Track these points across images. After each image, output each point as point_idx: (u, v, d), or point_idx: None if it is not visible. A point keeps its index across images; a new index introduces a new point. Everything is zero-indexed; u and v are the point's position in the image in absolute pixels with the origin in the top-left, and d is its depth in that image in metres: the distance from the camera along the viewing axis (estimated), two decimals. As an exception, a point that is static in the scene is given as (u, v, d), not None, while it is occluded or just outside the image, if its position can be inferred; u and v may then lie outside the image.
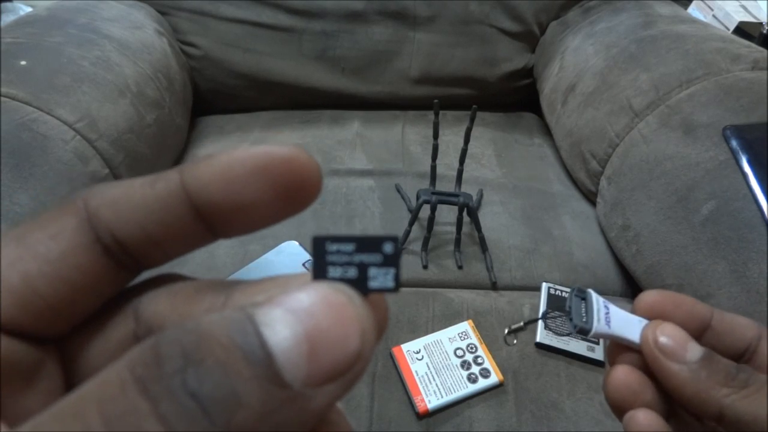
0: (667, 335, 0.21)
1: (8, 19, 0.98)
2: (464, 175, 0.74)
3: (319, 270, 0.12)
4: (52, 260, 0.11)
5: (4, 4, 1.17)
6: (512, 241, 0.76)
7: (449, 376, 0.57)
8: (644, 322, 0.22)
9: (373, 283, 0.12)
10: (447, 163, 0.86)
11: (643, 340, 0.21)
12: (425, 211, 0.71)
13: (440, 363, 0.59)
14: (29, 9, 1.15)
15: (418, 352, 0.59)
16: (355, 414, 0.54)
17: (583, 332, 0.23)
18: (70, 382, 0.13)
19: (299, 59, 1.01)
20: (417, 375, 0.57)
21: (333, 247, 0.12)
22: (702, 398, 0.20)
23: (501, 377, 0.57)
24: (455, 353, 0.60)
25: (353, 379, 0.10)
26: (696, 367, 0.20)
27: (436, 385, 0.56)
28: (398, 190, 0.83)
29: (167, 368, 0.09)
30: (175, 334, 0.09)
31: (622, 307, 0.23)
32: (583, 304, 0.23)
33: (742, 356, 0.22)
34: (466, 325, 0.63)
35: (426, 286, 0.69)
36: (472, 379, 0.57)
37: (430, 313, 0.65)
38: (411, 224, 0.72)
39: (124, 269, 0.13)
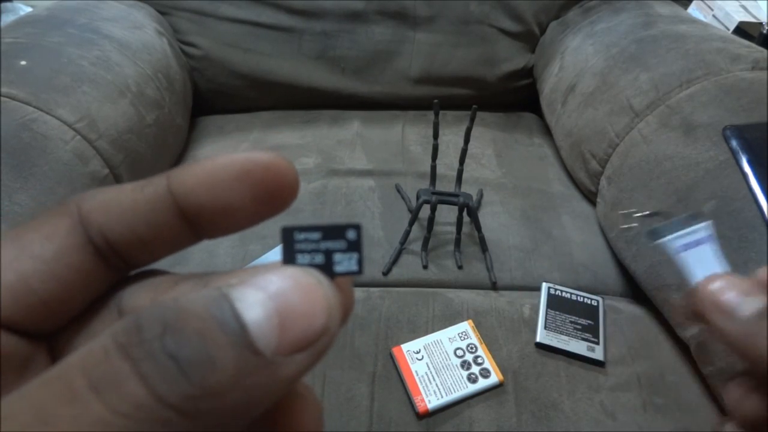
0: (721, 288, 0.20)
1: (8, 19, 0.98)
2: (464, 175, 0.74)
3: (289, 257, 0.13)
4: (46, 259, 0.12)
5: (4, 4, 1.17)
6: (512, 241, 0.76)
7: (449, 376, 0.57)
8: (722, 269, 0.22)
9: (338, 268, 0.13)
10: (447, 163, 0.86)
11: (700, 290, 0.21)
12: (425, 211, 0.71)
13: (440, 363, 0.59)
14: (29, 9, 1.15)
15: (418, 352, 0.59)
16: (355, 414, 0.54)
17: (652, 235, 0.23)
18: None
19: (299, 59, 1.01)
20: (417, 375, 0.57)
21: (300, 236, 0.13)
22: (757, 356, 0.19)
23: (501, 377, 0.57)
24: (455, 353, 0.60)
25: (321, 351, 0.11)
26: (747, 322, 0.19)
27: (436, 385, 0.56)
28: (398, 190, 0.83)
29: (147, 334, 0.10)
30: (155, 308, 0.10)
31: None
32: (690, 224, 0.23)
33: None
34: (466, 325, 0.63)
35: (426, 286, 0.69)
36: (472, 379, 0.57)
37: (430, 313, 0.65)
38: (411, 224, 0.72)
39: (113, 268, 0.14)
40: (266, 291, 0.11)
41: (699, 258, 0.22)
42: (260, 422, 0.13)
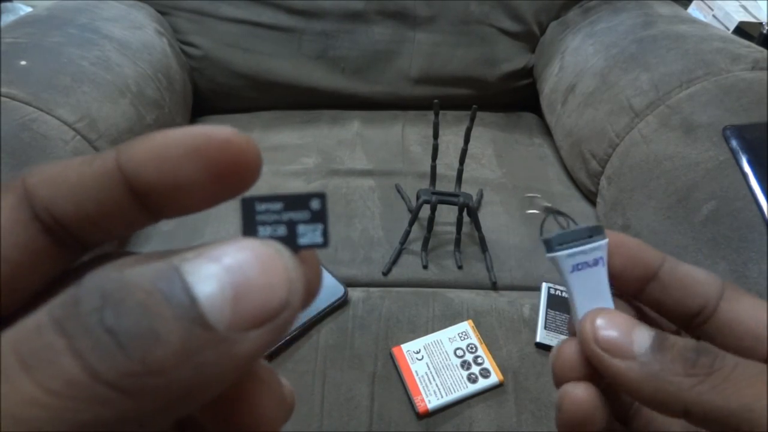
0: (607, 326, 0.17)
1: (8, 19, 0.98)
2: (464, 175, 0.74)
3: (249, 229, 0.12)
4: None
5: (4, 4, 1.17)
6: (512, 241, 0.76)
7: (449, 376, 0.57)
8: (611, 301, 0.19)
9: (302, 240, 0.12)
10: (447, 163, 0.86)
11: (581, 335, 0.18)
12: (425, 211, 0.71)
13: (440, 363, 0.59)
14: (29, 9, 1.15)
15: (418, 352, 0.59)
16: (355, 414, 0.54)
17: (546, 245, 0.19)
18: None
19: (299, 59, 1.01)
20: (417, 375, 0.57)
21: (261, 206, 0.12)
22: (661, 397, 0.16)
23: (501, 377, 0.57)
24: (455, 353, 0.60)
25: (280, 327, 0.10)
26: (647, 360, 0.16)
27: (436, 385, 0.56)
28: (398, 190, 0.83)
29: (84, 307, 0.09)
30: (97, 280, 0.09)
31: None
32: (585, 236, 0.19)
33: (695, 317, 0.18)
34: (466, 325, 0.63)
35: (426, 286, 0.69)
36: (472, 379, 0.57)
37: (430, 313, 0.65)
38: (411, 224, 0.72)
39: (66, 247, 0.13)
40: (221, 263, 0.10)
41: (588, 284, 0.19)
42: (215, 410, 0.13)
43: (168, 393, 0.09)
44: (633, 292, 0.19)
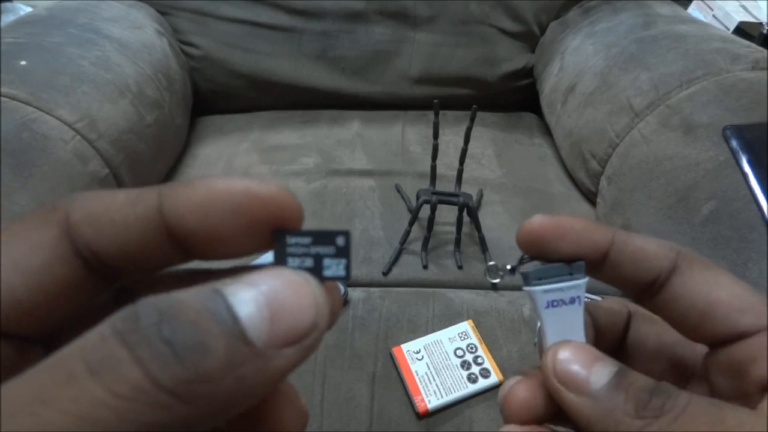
0: (568, 359, 0.17)
1: (8, 19, 0.98)
2: (464, 175, 0.74)
3: (280, 260, 0.14)
4: (32, 271, 0.12)
5: (4, 4, 1.17)
6: (512, 241, 0.75)
7: (449, 376, 0.57)
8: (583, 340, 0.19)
9: (326, 272, 0.14)
10: (447, 163, 0.86)
11: (543, 365, 0.18)
12: (425, 211, 0.71)
13: (440, 363, 0.59)
14: (29, 9, 1.15)
15: (418, 352, 0.59)
16: (355, 414, 0.54)
17: (524, 278, 0.19)
18: None
19: (299, 59, 1.01)
20: (417, 375, 0.57)
21: (292, 240, 0.14)
22: None
23: (501, 377, 0.57)
24: (455, 353, 0.60)
25: (310, 346, 0.12)
26: (601, 397, 0.16)
27: (436, 385, 0.56)
28: (398, 190, 0.83)
29: (143, 322, 0.10)
30: (152, 299, 0.11)
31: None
32: (564, 273, 0.19)
33: (646, 291, 0.18)
34: (466, 325, 0.63)
35: (426, 286, 0.69)
36: (472, 379, 0.57)
37: (430, 313, 0.65)
38: (411, 224, 0.72)
39: (101, 278, 0.13)
40: (258, 288, 0.11)
41: (562, 321, 0.19)
42: (243, 421, 0.13)
43: (214, 400, 0.10)
44: (591, 273, 0.19)
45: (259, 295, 0.11)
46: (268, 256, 0.13)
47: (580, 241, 0.18)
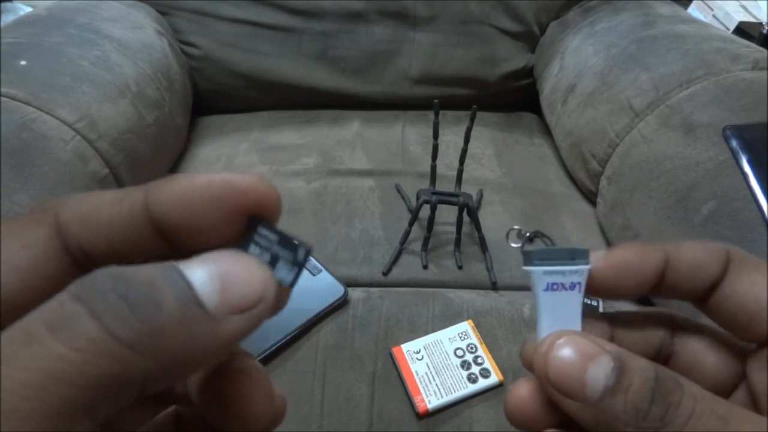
0: (559, 361, 0.16)
1: (8, 19, 0.98)
2: (464, 175, 0.74)
3: (244, 244, 0.14)
4: (25, 269, 0.13)
5: (4, 4, 1.17)
6: (512, 241, 0.76)
7: (449, 376, 0.57)
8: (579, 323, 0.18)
9: (276, 273, 0.14)
10: (447, 163, 0.86)
11: (536, 367, 0.17)
12: (425, 211, 0.71)
13: (440, 363, 0.59)
14: (29, 9, 1.15)
15: (418, 352, 0.59)
16: (355, 414, 0.54)
17: (525, 257, 0.18)
18: None
19: (299, 59, 1.01)
20: (417, 375, 0.57)
21: (262, 231, 0.14)
22: None
23: (501, 377, 0.57)
24: (455, 353, 0.60)
25: (256, 317, 0.12)
26: (599, 405, 0.15)
27: (436, 385, 0.56)
28: (398, 190, 0.83)
29: (99, 282, 0.11)
30: (110, 268, 0.11)
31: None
32: (567, 258, 0.18)
33: (704, 293, 0.18)
34: (466, 325, 0.63)
35: (426, 286, 0.69)
36: (472, 379, 0.57)
37: (430, 313, 0.65)
38: (411, 224, 0.72)
39: (88, 272, 0.14)
40: (211, 261, 0.12)
41: (559, 306, 0.18)
42: (213, 402, 0.14)
43: (167, 354, 0.11)
44: (646, 295, 0.19)
45: (211, 265, 0.12)
46: None
47: (640, 273, 0.18)
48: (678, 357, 0.20)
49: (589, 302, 0.67)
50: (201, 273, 0.12)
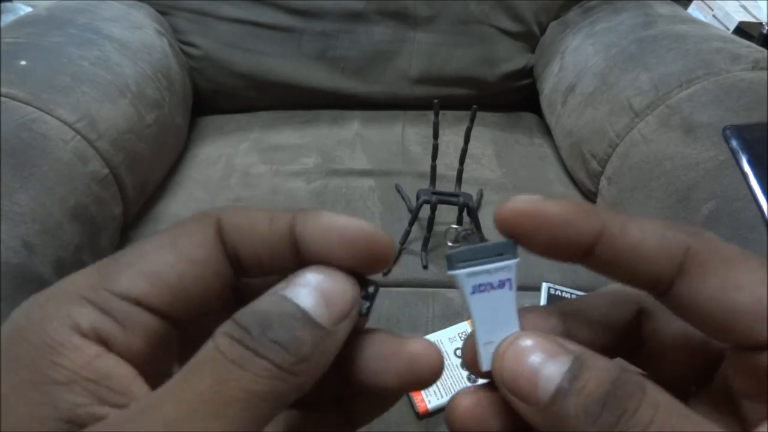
0: (512, 367, 0.15)
1: (8, 19, 0.98)
2: (464, 175, 0.74)
3: None
4: (199, 263, 0.16)
5: (4, 4, 1.17)
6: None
7: (449, 376, 0.57)
8: (517, 330, 0.17)
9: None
10: (447, 163, 0.86)
11: (493, 368, 0.16)
12: (425, 211, 0.71)
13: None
14: (29, 9, 1.15)
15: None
16: (355, 414, 0.54)
17: (447, 261, 0.17)
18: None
19: (299, 59, 1.01)
20: (417, 375, 0.57)
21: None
22: None
23: (501, 377, 0.57)
24: (455, 353, 0.60)
25: (353, 318, 0.16)
26: (549, 408, 0.14)
27: (436, 385, 0.56)
28: (398, 190, 0.83)
29: (254, 332, 0.14)
30: (246, 313, 0.15)
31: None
32: (494, 253, 0.17)
33: (651, 288, 0.16)
34: (466, 325, 0.63)
35: (426, 286, 0.69)
36: (472, 379, 0.57)
37: (430, 313, 0.65)
38: (411, 224, 0.72)
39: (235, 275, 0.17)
40: (309, 285, 0.15)
41: (492, 307, 0.17)
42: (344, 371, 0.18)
43: (313, 369, 0.15)
44: (571, 260, 0.17)
45: (312, 291, 0.15)
46: None
47: (560, 235, 0.16)
48: (646, 344, 0.18)
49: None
50: (307, 297, 0.15)
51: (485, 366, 0.17)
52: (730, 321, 0.14)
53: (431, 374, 0.17)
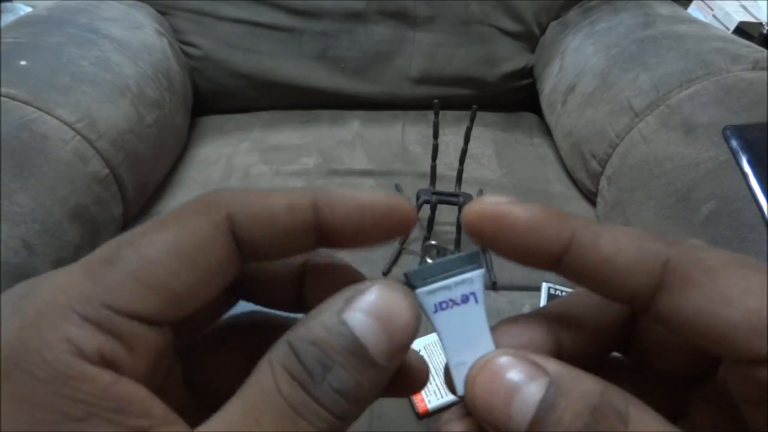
0: (483, 396, 0.14)
1: (8, 19, 0.98)
2: (464, 175, 0.74)
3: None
4: (208, 269, 0.15)
5: (4, 4, 1.17)
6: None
7: (449, 376, 0.57)
8: (491, 347, 0.15)
9: None
10: (447, 163, 0.86)
11: (466, 395, 0.15)
12: (425, 211, 0.71)
13: (440, 363, 0.59)
14: (29, 9, 1.15)
15: (418, 352, 0.59)
16: (355, 414, 0.54)
17: (406, 279, 0.16)
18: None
19: (299, 59, 1.01)
20: (417, 375, 0.57)
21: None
22: None
23: (501, 377, 0.57)
24: (455, 353, 0.60)
25: (408, 349, 0.15)
26: None
27: (436, 385, 0.56)
28: (398, 190, 0.83)
29: (316, 377, 0.13)
30: (305, 343, 0.14)
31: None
32: (458, 266, 0.16)
33: (632, 302, 0.15)
34: (466, 325, 0.63)
35: (426, 286, 0.69)
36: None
37: (430, 313, 0.65)
38: (411, 224, 0.72)
39: (240, 260, 0.16)
40: (371, 312, 0.14)
41: (458, 325, 0.16)
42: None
43: (362, 409, 0.14)
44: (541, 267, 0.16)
45: (375, 319, 0.14)
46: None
47: (525, 242, 0.15)
48: (642, 339, 0.17)
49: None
50: (371, 331, 0.14)
51: (459, 390, 0.16)
52: (721, 336, 0.13)
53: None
